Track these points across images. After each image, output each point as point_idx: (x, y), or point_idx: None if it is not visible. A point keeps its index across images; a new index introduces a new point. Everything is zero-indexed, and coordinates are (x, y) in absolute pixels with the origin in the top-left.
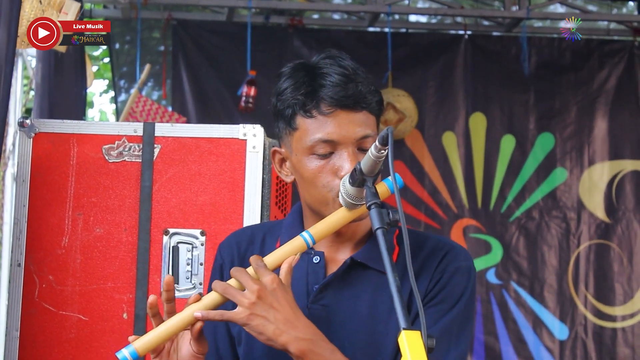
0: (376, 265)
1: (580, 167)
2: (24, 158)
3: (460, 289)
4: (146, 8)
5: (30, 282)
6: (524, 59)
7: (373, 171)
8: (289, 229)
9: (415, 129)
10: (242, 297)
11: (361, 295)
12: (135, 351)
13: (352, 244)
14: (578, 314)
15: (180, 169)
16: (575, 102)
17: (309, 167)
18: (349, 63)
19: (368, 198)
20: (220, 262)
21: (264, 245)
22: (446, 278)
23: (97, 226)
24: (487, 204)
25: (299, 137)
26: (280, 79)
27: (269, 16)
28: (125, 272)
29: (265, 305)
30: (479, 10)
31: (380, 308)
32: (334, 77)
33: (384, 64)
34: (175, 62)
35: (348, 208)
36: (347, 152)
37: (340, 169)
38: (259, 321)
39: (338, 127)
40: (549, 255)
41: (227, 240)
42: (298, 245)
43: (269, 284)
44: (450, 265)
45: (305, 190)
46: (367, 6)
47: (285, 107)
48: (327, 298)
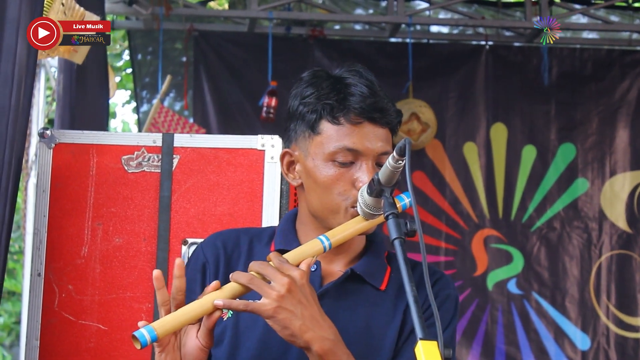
0: (372, 281)
1: (601, 178)
2: (44, 168)
3: (450, 316)
4: (168, 19)
5: (50, 291)
6: (545, 69)
7: (391, 181)
8: (283, 234)
9: (436, 139)
10: (270, 290)
11: (357, 308)
12: (154, 331)
13: (347, 258)
14: (600, 325)
15: (199, 180)
16: (596, 112)
17: (327, 173)
18: (373, 78)
19: (386, 208)
20: (203, 260)
21: (251, 249)
22: (438, 303)
23: (116, 236)
24: (508, 214)
25: (321, 142)
26: (301, 83)
27: (290, 27)
28: (144, 282)
29: (294, 300)
30: (500, 20)
31: (376, 323)
32: (363, 89)
33: (405, 75)
34: (197, 73)
35: (366, 218)
36: (366, 165)
37: (359, 180)
38: (286, 315)
39: (363, 138)
40: (570, 266)
41: (210, 240)
42: (315, 247)
43: (299, 279)
44: (442, 292)
45: (315, 196)
46: (388, 17)
47: (310, 110)
48: (325, 307)
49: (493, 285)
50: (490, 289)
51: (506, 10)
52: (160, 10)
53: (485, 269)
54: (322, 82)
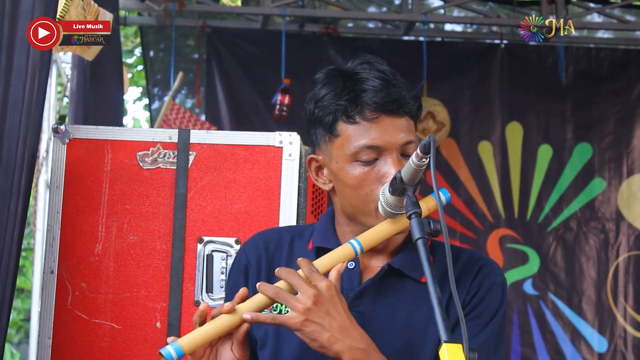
0: (413, 274)
1: (618, 178)
2: (58, 164)
3: (497, 304)
4: (181, 16)
5: (63, 289)
6: (562, 68)
7: (414, 180)
8: (322, 233)
9: (450, 137)
10: (296, 302)
11: (398, 304)
12: (180, 348)
13: (387, 252)
14: (617, 326)
15: (215, 177)
16: (613, 112)
17: (353, 174)
18: (386, 68)
19: (408, 207)
20: (245, 262)
21: (292, 248)
22: (483, 292)
23: (130, 233)
24: (523, 214)
25: (341, 144)
26: (315, 85)
27: (303, 24)
28: (159, 281)
29: (321, 312)
30: (516, 19)
31: (418, 319)
32: (375, 82)
33: (419, 73)
34: (209, 70)
35: (387, 217)
36: (391, 158)
37: (386, 175)
38: (314, 327)
39: (383, 133)
40: (587, 267)
41: (253, 240)
42: (347, 252)
43: (326, 290)
44: (486, 279)
45: (345, 199)
46: (403, 15)
47: (326, 113)
48: (364, 305)
49: (508, 285)
50: None
51: (521, 9)
52: (173, 6)
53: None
54: (334, 82)
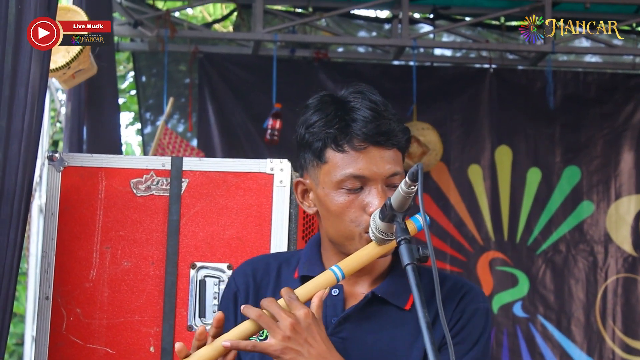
0: (396, 302)
1: (607, 201)
2: (52, 192)
3: (479, 331)
4: (173, 41)
5: (58, 315)
6: (550, 92)
7: (403, 207)
8: (308, 261)
9: (441, 161)
10: (276, 329)
11: (381, 329)
12: None
13: (371, 278)
14: (606, 348)
15: (208, 203)
16: (601, 135)
17: (337, 201)
18: (378, 98)
19: (398, 234)
20: (234, 289)
21: (279, 275)
22: (465, 319)
23: (124, 259)
24: (513, 237)
25: (328, 170)
26: (307, 110)
27: (294, 49)
28: (153, 306)
29: (300, 340)
30: (504, 44)
31: (400, 344)
32: (366, 112)
33: (409, 97)
34: (201, 95)
35: (378, 243)
36: (376, 189)
37: (369, 205)
38: (292, 355)
39: (369, 163)
40: (576, 289)
41: (241, 268)
42: (328, 279)
43: (304, 319)
44: (469, 306)
45: (330, 224)
46: (392, 40)
47: (315, 139)
48: (346, 331)
49: (498, 308)
50: (495, 312)
51: (510, 34)
52: (165, 32)
53: (490, 292)
54: (326, 109)
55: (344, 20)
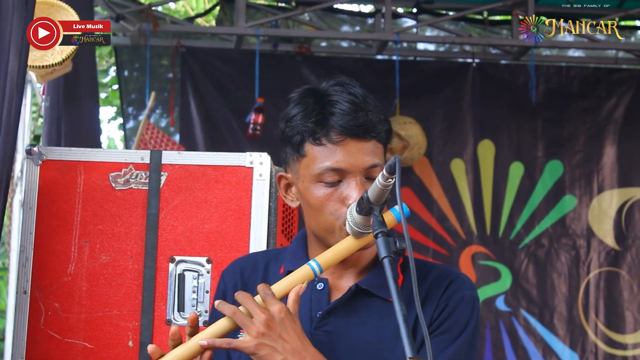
0: (381, 293)
1: (589, 195)
2: (31, 185)
3: (465, 319)
4: (155, 36)
5: (36, 309)
6: (532, 87)
7: (380, 200)
8: (293, 255)
9: (424, 156)
10: (251, 325)
11: (366, 322)
12: None
13: (356, 271)
14: (588, 342)
15: (187, 197)
16: (583, 130)
17: (317, 194)
18: (358, 90)
19: (375, 227)
20: (223, 288)
21: (267, 272)
22: (451, 307)
23: (103, 254)
24: (496, 231)
25: (307, 164)
26: (289, 104)
27: (277, 44)
28: (131, 300)
29: (274, 335)
30: (487, 38)
31: (386, 335)
32: (344, 105)
33: (392, 92)
34: (184, 89)
35: (355, 236)
36: (355, 181)
37: (348, 198)
38: (268, 351)
39: (347, 156)
40: (558, 283)
41: (230, 267)
42: (305, 274)
43: (277, 314)
44: (455, 294)
45: (311, 217)
46: (375, 34)
47: (294, 133)
48: (331, 324)
49: (481, 302)
50: None
51: (493, 28)
52: (147, 26)
53: None
54: (305, 102)
55: (327, 15)
